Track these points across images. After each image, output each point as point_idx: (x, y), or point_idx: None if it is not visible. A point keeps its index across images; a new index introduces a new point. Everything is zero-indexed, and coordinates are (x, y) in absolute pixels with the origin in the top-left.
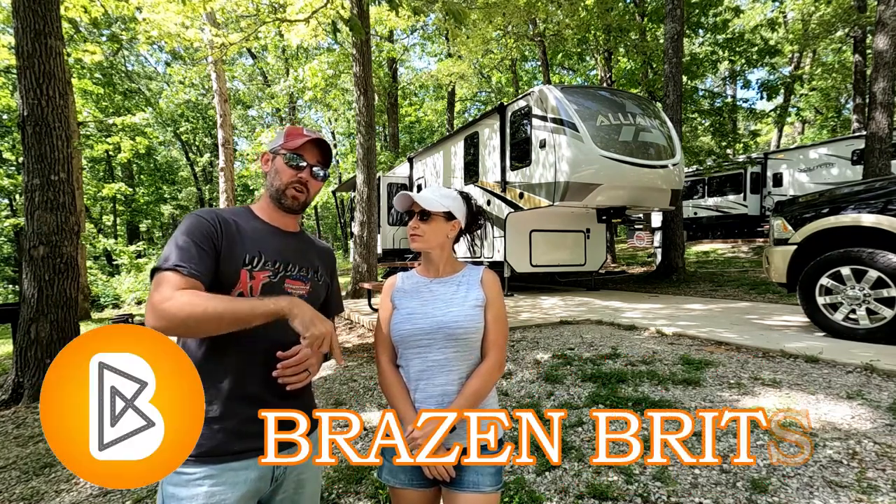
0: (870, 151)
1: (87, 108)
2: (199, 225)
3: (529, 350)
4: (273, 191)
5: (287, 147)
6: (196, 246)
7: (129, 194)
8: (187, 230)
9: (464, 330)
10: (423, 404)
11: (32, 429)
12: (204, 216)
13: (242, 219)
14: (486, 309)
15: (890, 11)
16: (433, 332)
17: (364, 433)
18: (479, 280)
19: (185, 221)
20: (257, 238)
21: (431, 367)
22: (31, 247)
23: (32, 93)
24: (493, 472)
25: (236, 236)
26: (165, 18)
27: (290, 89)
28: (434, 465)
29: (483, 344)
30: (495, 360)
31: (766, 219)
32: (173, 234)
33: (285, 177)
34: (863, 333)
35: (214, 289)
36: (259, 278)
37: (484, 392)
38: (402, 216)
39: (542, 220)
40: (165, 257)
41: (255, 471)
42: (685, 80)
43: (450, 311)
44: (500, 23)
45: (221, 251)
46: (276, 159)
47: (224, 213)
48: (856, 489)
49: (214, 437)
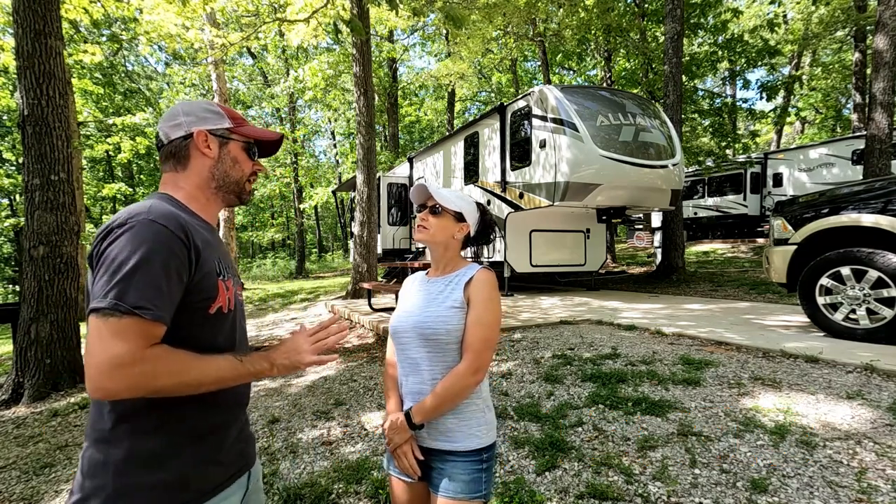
0: (870, 151)
1: (87, 108)
2: (165, 242)
3: (529, 350)
4: (230, 182)
5: (243, 134)
6: (166, 276)
7: (129, 194)
8: (147, 250)
9: (432, 331)
10: (405, 399)
11: (32, 429)
12: (168, 225)
13: (189, 216)
14: (469, 311)
15: (889, 12)
16: (409, 331)
17: (364, 433)
18: (467, 280)
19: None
20: (209, 240)
21: (409, 365)
22: (31, 247)
23: (32, 93)
24: (466, 480)
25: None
26: (165, 20)
27: (290, 89)
28: (400, 459)
29: (462, 346)
30: (468, 364)
31: (766, 219)
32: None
33: (247, 167)
34: (863, 333)
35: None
36: (231, 288)
37: (453, 395)
38: (402, 216)
39: (542, 221)
40: (122, 289)
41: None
42: (685, 80)
43: (426, 311)
44: (500, 23)
45: (195, 272)
46: (229, 145)
47: (177, 214)
48: (856, 489)
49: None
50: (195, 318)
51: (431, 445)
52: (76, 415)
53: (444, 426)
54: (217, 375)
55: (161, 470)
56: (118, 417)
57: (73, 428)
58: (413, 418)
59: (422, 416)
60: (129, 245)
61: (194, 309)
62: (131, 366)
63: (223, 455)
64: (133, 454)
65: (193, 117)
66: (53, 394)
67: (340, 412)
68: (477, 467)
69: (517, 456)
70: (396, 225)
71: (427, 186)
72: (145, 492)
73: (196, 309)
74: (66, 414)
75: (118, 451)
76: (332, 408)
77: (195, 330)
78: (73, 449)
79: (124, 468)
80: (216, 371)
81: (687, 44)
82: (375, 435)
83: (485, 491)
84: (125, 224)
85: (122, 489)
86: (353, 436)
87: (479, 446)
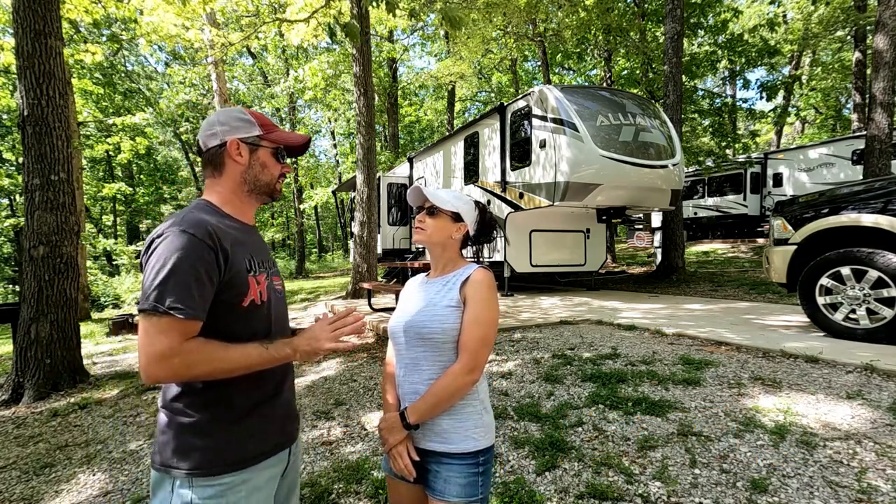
0: (870, 151)
1: (87, 108)
2: (195, 248)
3: (529, 350)
4: (261, 185)
5: (272, 140)
6: (197, 278)
7: (129, 194)
8: (181, 257)
9: (428, 330)
10: (403, 400)
11: (32, 429)
12: (197, 234)
13: (222, 219)
14: (465, 310)
15: (889, 12)
16: (406, 330)
17: (365, 433)
18: (463, 280)
19: (176, 242)
20: (243, 238)
21: (407, 365)
22: (31, 247)
23: (32, 93)
24: (462, 484)
25: (234, 243)
26: (165, 20)
27: (290, 89)
28: (395, 460)
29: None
30: (463, 363)
31: (766, 219)
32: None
33: (275, 170)
34: (863, 333)
35: (224, 306)
36: (262, 282)
37: (447, 394)
38: (402, 216)
39: (542, 220)
40: (160, 292)
41: (281, 463)
42: (685, 80)
43: (423, 310)
44: (500, 23)
45: (226, 268)
46: (258, 151)
47: (209, 218)
48: (856, 489)
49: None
50: (231, 312)
51: (426, 446)
52: (76, 415)
53: (440, 427)
54: (246, 362)
55: (210, 437)
56: (179, 393)
57: (73, 428)
58: (408, 418)
59: (416, 416)
60: (165, 253)
61: (229, 304)
62: (171, 357)
63: (264, 430)
64: (188, 423)
65: (227, 126)
66: (53, 394)
67: (340, 412)
68: (473, 471)
69: (517, 456)
70: (396, 225)
71: (422, 189)
72: (198, 452)
73: (230, 304)
74: (66, 414)
75: (178, 418)
76: (332, 408)
77: (231, 322)
78: (73, 449)
79: (181, 432)
80: (245, 358)
81: (687, 44)
82: (375, 435)
83: (481, 495)
84: (162, 234)
85: (181, 447)
86: (353, 436)
87: (475, 449)
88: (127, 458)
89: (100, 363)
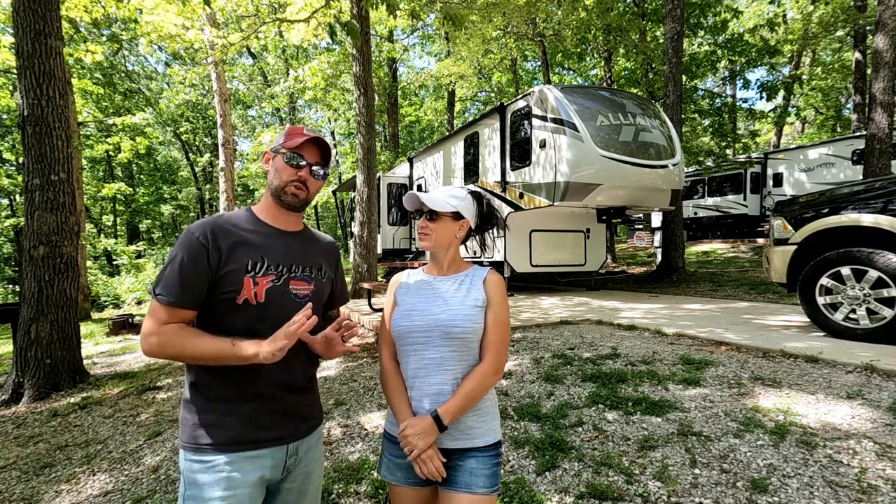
0: (870, 151)
1: (87, 108)
2: (189, 245)
3: (529, 350)
4: (273, 189)
5: (287, 146)
6: (183, 272)
7: (129, 194)
8: (178, 252)
9: (461, 329)
10: (418, 402)
11: (32, 429)
12: (195, 233)
13: (244, 223)
14: (487, 310)
15: (889, 12)
16: (430, 329)
17: (365, 433)
18: (482, 280)
19: (179, 240)
20: (260, 242)
21: (427, 365)
22: (31, 247)
23: (32, 93)
24: (487, 475)
25: (236, 244)
26: (165, 20)
27: (290, 89)
28: (424, 464)
29: (482, 345)
30: (492, 362)
31: (766, 219)
32: (173, 247)
33: (285, 175)
34: (863, 333)
35: (215, 300)
36: (262, 284)
37: (478, 394)
38: (402, 216)
39: (542, 220)
40: (158, 279)
41: (269, 459)
42: (685, 80)
43: (448, 309)
44: (500, 23)
45: (218, 266)
46: (276, 158)
47: (223, 221)
48: (856, 489)
49: (234, 428)
50: (225, 307)
51: (451, 446)
52: (76, 415)
53: (465, 425)
54: (212, 354)
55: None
56: (191, 383)
57: (73, 428)
58: (443, 420)
59: (450, 417)
60: (173, 249)
61: (223, 300)
62: (149, 336)
63: (257, 422)
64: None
65: (270, 143)
66: (53, 394)
67: (340, 412)
68: (494, 461)
69: (517, 456)
70: (396, 225)
71: (418, 195)
72: (188, 427)
73: (223, 299)
74: (66, 414)
75: (193, 400)
76: (332, 408)
77: (226, 316)
78: (73, 449)
79: (195, 412)
80: (212, 350)
81: (687, 44)
82: (375, 435)
83: (499, 483)
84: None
85: (198, 425)
86: (353, 436)
87: (495, 441)
88: (127, 458)
89: (100, 363)
